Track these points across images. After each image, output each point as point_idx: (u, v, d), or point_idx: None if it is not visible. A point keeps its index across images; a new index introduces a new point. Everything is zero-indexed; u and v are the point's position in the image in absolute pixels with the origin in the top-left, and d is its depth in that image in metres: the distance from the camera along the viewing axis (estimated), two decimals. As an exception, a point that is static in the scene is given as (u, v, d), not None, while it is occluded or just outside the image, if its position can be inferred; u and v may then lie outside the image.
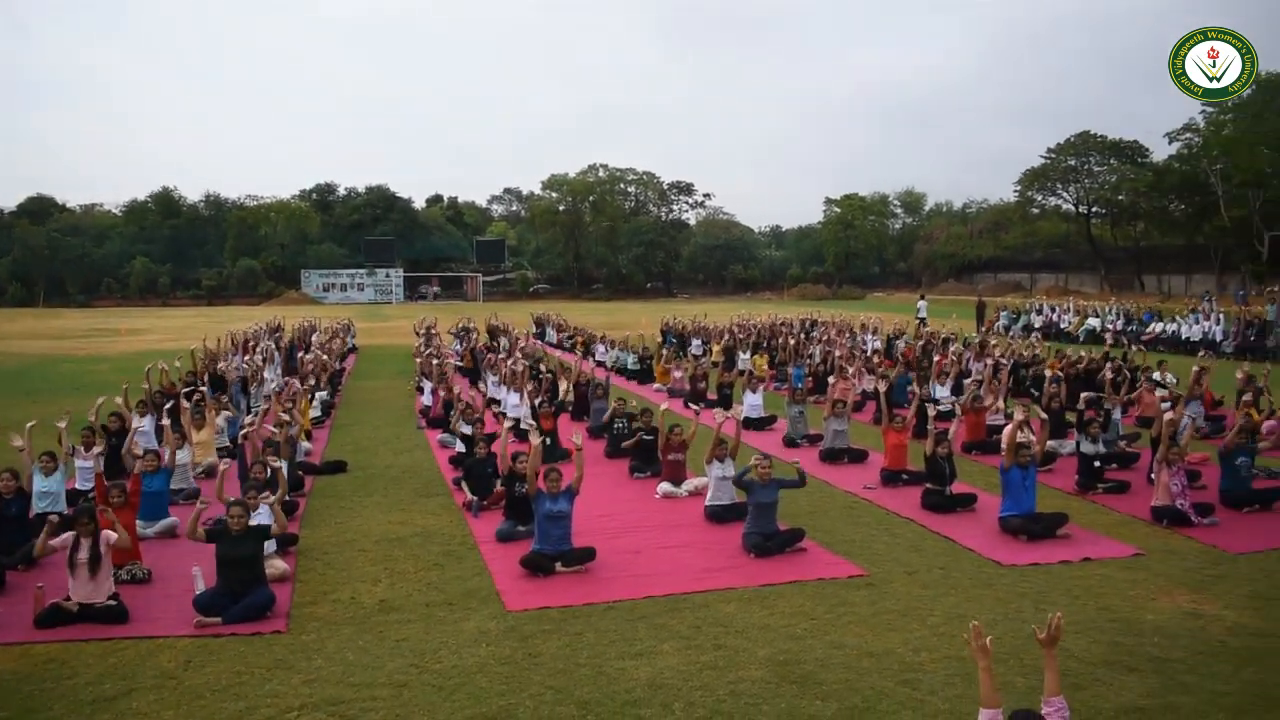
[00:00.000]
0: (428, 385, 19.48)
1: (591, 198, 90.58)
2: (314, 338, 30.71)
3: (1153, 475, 11.29)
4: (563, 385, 18.37)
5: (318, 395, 18.91)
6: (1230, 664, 7.01)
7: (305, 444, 15.22)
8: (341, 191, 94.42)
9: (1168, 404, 14.60)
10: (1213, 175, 59.79)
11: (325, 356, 23.53)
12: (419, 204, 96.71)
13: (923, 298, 47.69)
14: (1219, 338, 31.28)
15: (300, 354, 25.41)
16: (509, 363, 19.56)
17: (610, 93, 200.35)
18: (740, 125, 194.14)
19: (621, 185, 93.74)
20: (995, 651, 7.07)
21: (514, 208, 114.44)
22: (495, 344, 29.27)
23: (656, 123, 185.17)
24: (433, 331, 31.64)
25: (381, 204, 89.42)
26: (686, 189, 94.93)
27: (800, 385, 18.99)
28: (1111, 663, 7.00)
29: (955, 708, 6.22)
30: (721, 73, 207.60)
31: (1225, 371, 21.28)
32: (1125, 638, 7.50)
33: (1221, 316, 33.18)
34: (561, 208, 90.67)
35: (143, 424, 14.35)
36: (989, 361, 19.54)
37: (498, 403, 18.30)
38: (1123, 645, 7.34)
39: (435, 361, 20.42)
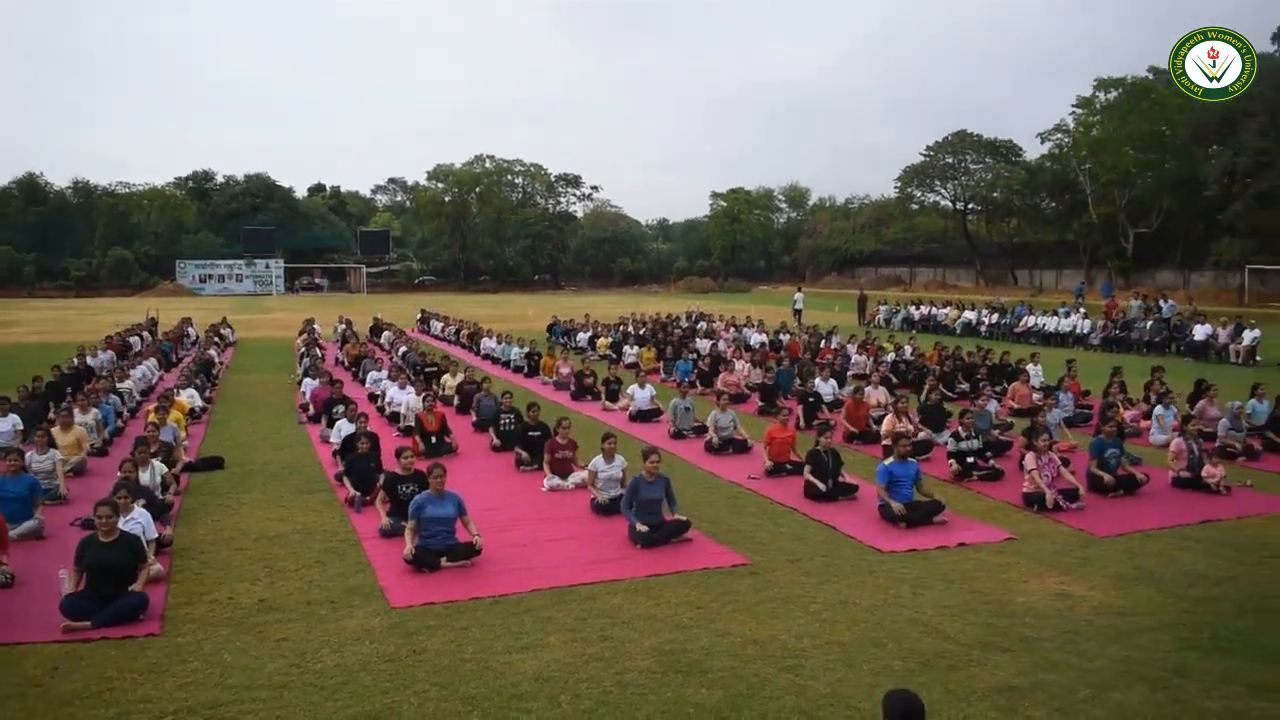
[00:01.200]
0: (308, 380, 19.06)
1: (478, 189, 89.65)
2: (189, 330, 29.83)
3: (1023, 463, 11.70)
4: (448, 380, 18.18)
5: (192, 391, 18.33)
6: (1096, 642, 7.32)
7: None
8: (219, 179, 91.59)
9: (1037, 395, 15.23)
10: (1082, 174, 62.33)
11: (208, 352, 22.86)
12: (300, 193, 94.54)
13: (799, 290, 48.62)
14: (1086, 331, 32.58)
15: (175, 349, 24.64)
16: (391, 357, 19.28)
17: (499, 83, 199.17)
18: (629, 119, 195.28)
19: (509, 177, 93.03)
20: (876, 635, 7.35)
21: (399, 198, 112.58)
22: (378, 338, 28.83)
23: (546, 115, 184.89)
24: (312, 325, 30.96)
25: (261, 193, 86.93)
26: (574, 181, 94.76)
27: (686, 378, 19.17)
28: (985, 644, 7.25)
29: (836, 691, 6.36)
30: (612, 66, 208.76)
31: (1093, 363, 22.19)
32: (998, 619, 7.77)
33: (1086, 309, 34.57)
34: (447, 199, 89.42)
35: (3, 424, 13.76)
36: (870, 354, 20.00)
37: (381, 397, 18.02)
38: (996, 626, 7.60)
39: (317, 353, 20.00)
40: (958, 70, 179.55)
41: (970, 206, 73.85)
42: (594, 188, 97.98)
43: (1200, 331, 28.81)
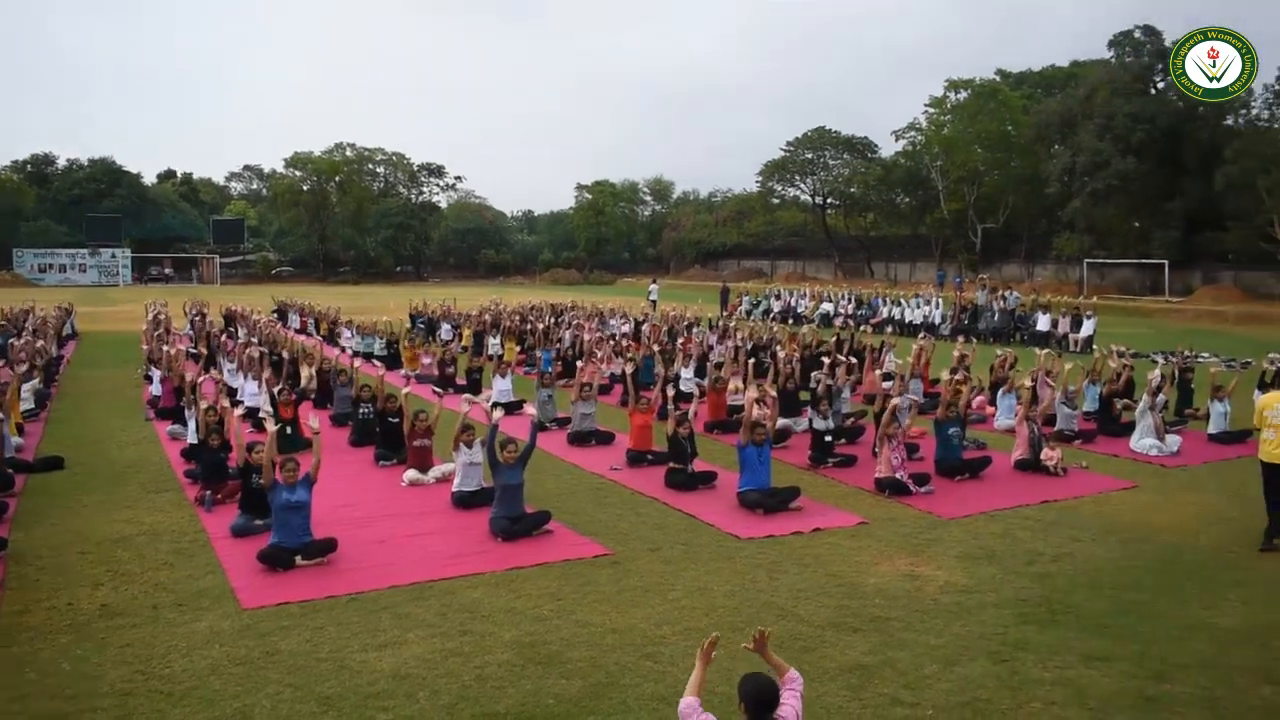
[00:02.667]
0: (157, 374, 18.33)
1: (338, 177, 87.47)
2: (28, 322, 28.33)
3: (876, 449, 12.07)
4: (304, 372, 17.73)
5: (31, 384, 17.42)
6: (942, 619, 7.62)
7: (16, 439, 14.03)
8: (61, 164, 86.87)
9: (889, 383, 15.71)
10: (933, 171, 64.47)
11: (40, 342, 21.75)
12: (150, 179, 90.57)
13: (654, 281, 49.30)
14: (938, 321, 33.79)
15: (11, 340, 23.37)
16: (246, 349, 18.69)
17: (360, 68, 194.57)
18: (495, 108, 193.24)
19: (370, 165, 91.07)
20: (733, 620, 7.47)
21: (255, 186, 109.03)
22: (232, 329, 27.92)
23: (408, 102, 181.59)
24: (162, 317, 29.76)
25: (107, 178, 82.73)
26: (438, 171, 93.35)
27: (549, 369, 19.14)
28: (837, 624, 7.46)
29: (694, 678, 6.46)
30: (476, 54, 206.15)
31: (943, 351, 22.97)
32: (850, 600, 8.01)
33: (940, 301, 35.86)
34: (306, 187, 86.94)
35: None
36: (730, 344, 20.31)
37: (234, 391, 17.45)
38: (848, 608, 7.83)
39: (165, 348, 19.23)
40: (822, 65, 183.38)
41: (829, 201, 75.52)
42: (458, 178, 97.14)
43: (1043, 321, 30.21)
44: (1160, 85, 54.98)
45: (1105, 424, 15.55)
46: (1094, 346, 27.97)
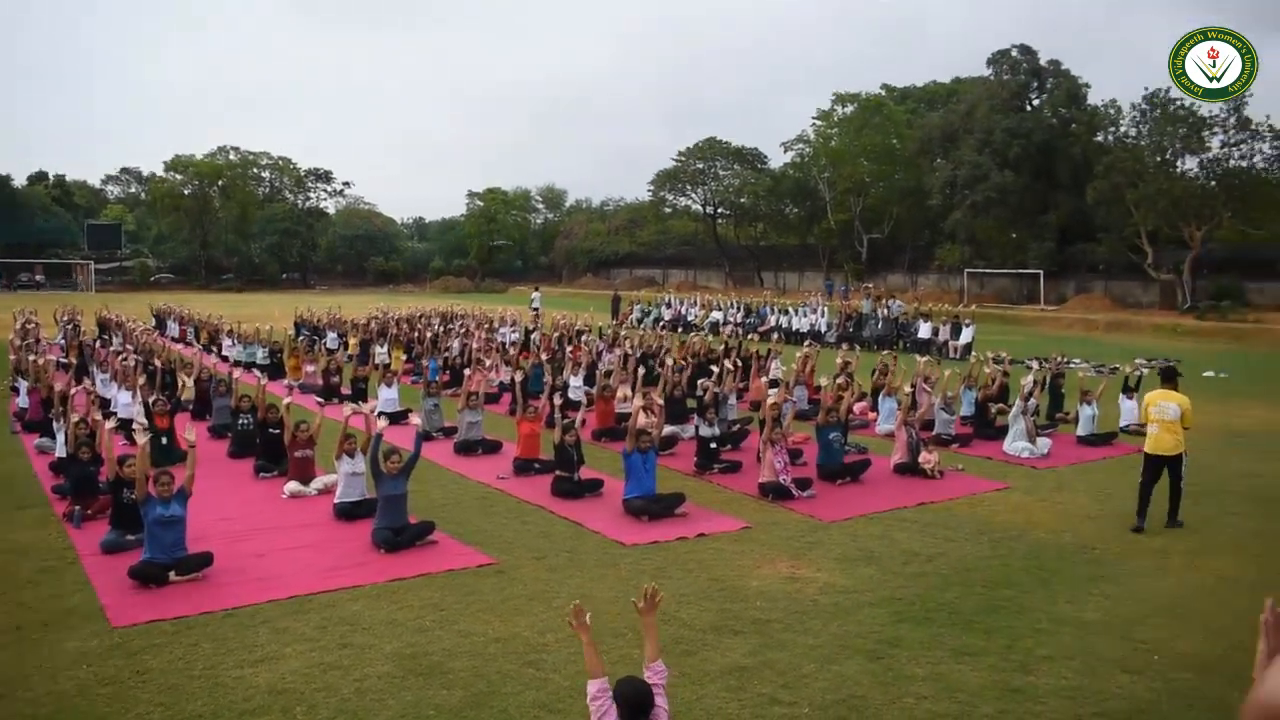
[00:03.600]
0: (24, 385, 17.60)
1: (221, 181, 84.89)
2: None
3: (760, 455, 12.26)
4: (182, 381, 17.26)
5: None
6: (820, 620, 7.78)
7: None
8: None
9: (775, 390, 15.98)
10: (821, 183, 65.72)
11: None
12: (19, 181, 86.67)
13: (537, 289, 49.41)
14: (823, 329, 34.46)
15: None
16: (120, 358, 18.09)
17: (243, 69, 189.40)
18: (384, 113, 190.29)
19: (255, 170, 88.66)
20: (616, 626, 7.50)
21: (133, 190, 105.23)
22: (106, 338, 27.00)
23: (296, 107, 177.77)
24: (30, 325, 28.57)
25: (-29, 181, 79.29)
26: (325, 176, 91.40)
27: (435, 378, 18.95)
28: (719, 627, 7.57)
29: (576, 683, 6.45)
30: (365, 57, 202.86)
31: (829, 359, 23.43)
32: (732, 604, 8.13)
33: (826, 309, 36.59)
34: (187, 191, 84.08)
35: None
36: (619, 352, 20.40)
37: (107, 402, 16.87)
38: (729, 611, 7.95)
39: (33, 358, 18.49)
40: (714, 77, 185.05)
41: (720, 211, 76.28)
42: (346, 183, 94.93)
43: (923, 329, 31.05)
44: (1035, 102, 57.08)
45: (981, 428, 16.07)
46: (972, 353, 28.87)
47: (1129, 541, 10.29)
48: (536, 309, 42.74)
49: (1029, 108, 56.84)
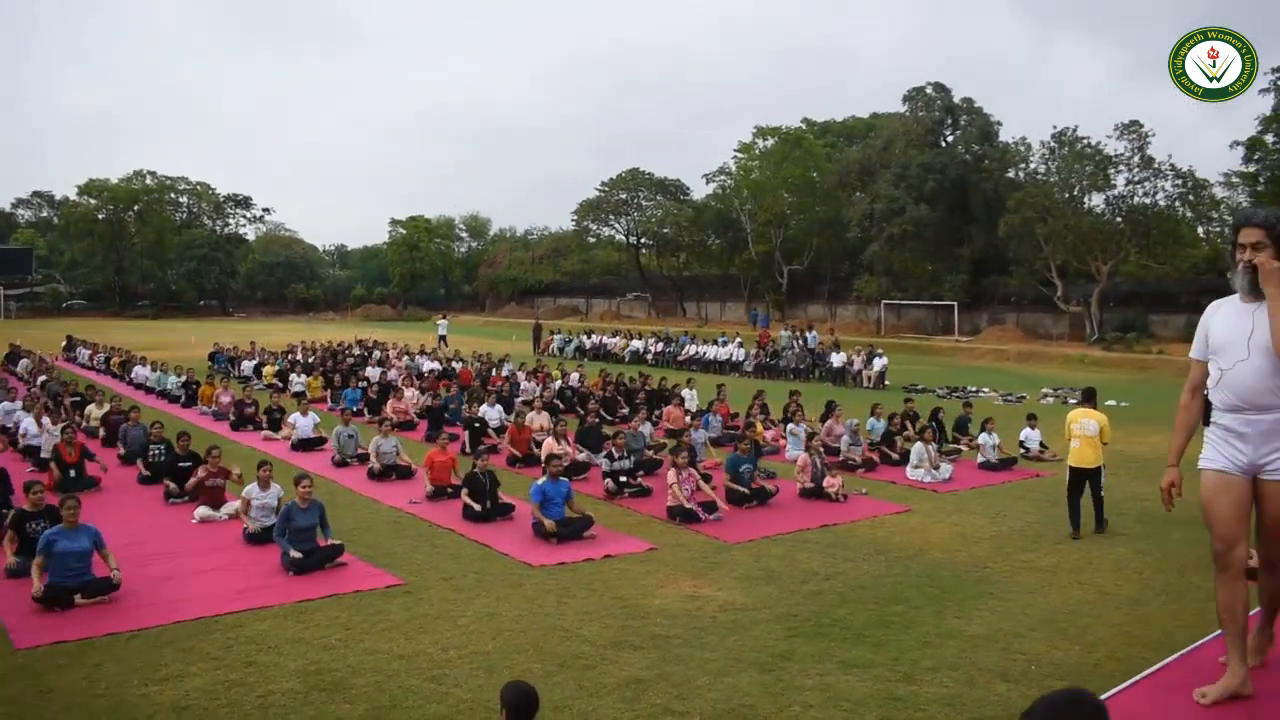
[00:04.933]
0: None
1: (137, 206, 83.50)
2: None
3: (670, 480, 12.55)
4: (92, 410, 17.08)
5: None
6: (718, 635, 8.06)
7: None
8: None
9: (689, 417, 16.35)
10: (742, 214, 66.70)
11: None
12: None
13: (444, 317, 49.71)
14: (741, 359, 35.01)
15: None
16: (30, 387, 17.85)
17: (160, 92, 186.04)
18: (308, 141, 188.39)
19: (172, 195, 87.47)
20: (519, 643, 7.71)
21: (45, 214, 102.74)
22: (15, 367, 26.48)
23: (215, 132, 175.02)
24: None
25: (-128, 205, 76.91)
26: (244, 202, 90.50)
27: (353, 407, 18.99)
28: (619, 643, 7.81)
29: (476, 697, 6.68)
30: (287, 81, 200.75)
31: (745, 388, 23.93)
32: (633, 621, 8.38)
33: (741, 339, 37.19)
34: (101, 216, 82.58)
35: None
36: (537, 382, 20.62)
37: (15, 429, 16.63)
38: (630, 627, 8.20)
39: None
40: (640, 108, 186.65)
41: (643, 241, 76.98)
42: (266, 210, 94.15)
43: (837, 359, 31.74)
44: (950, 138, 58.71)
45: (887, 454, 16.56)
46: (885, 382, 29.63)
47: (1019, 560, 10.75)
48: (443, 336, 42.94)
49: (944, 143, 58.43)
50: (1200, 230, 56.21)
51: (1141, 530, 12.18)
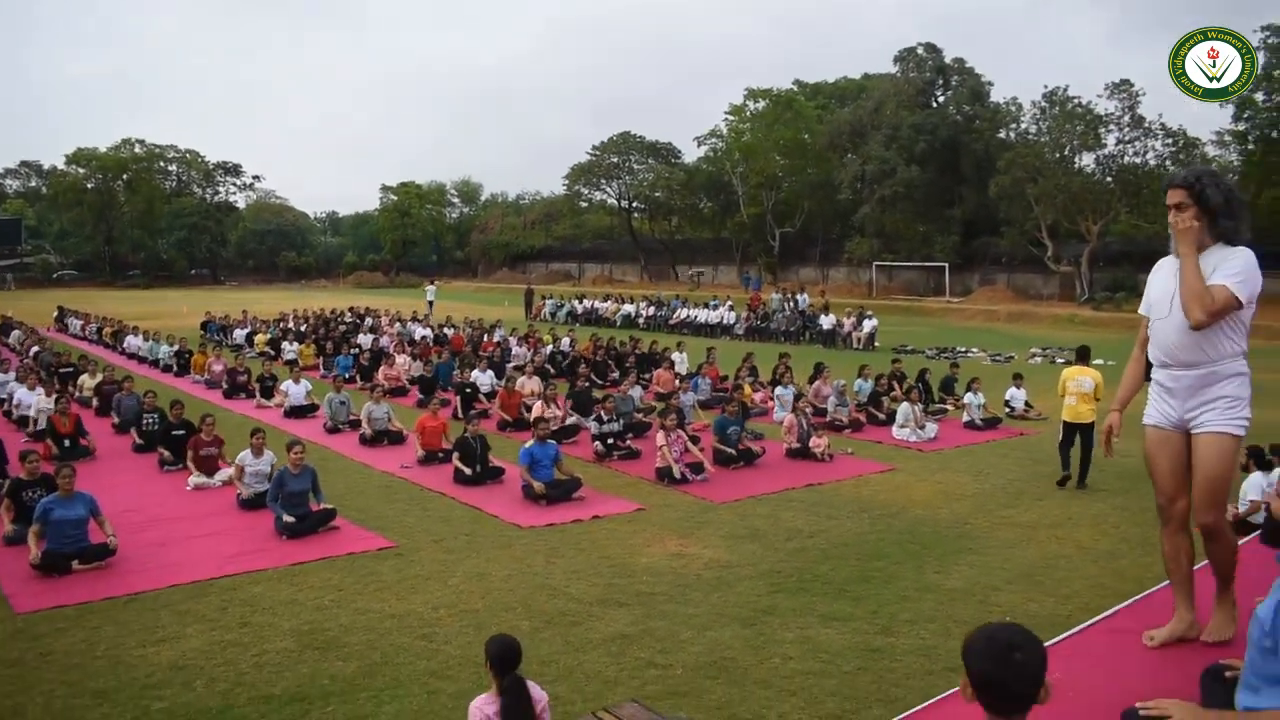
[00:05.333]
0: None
1: (126, 175, 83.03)
2: None
3: (659, 442, 12.74)
4: (85, 380, 17.21)
5: None
6: (701, 591, 8.27)
7: None
8: None
9: (679, 380, 16.51)
10: (734, 177, 66.57)
11: None
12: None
13: (432, 283, 49.74)
14: (732, 321, 35.16)
15: None
16: (22, 358, 17.96)
17: (148, 59, 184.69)
18: (298, 107, 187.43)
19: (161, 163, 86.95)
20: (508, 601, 7.91)
21: (33, 184, 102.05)
22: (7, 338, 26.57)
23: (204, 99, 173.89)
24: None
25: None
26: (234, 170, 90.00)
27: (345, 374, 19.12)
28: (605, 600, 8.01)
29: (465, 653, 6.87)
30: (279, 50, 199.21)
31: (736, 351, 24.08)
32: (620, 579, 8.58)
33: (733, 302, 37.33)
34: (90, 185, 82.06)
35: None
36: (528, 346, 20.77)
37: (9, 400, 16.76)
38: (617, 585, 8.39)
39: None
40: (631, 70, 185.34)
41: (635, 205, 76.79)
42: (256, 177, 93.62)
43: (827, 321, 31.91)
44: (941, 99, 58.56)
45: (874, 415, 16.74)
46: (875, 343, 29.83)
47: (1000, 516, 10.97)
48: (431, 301, 43.09)
49: (935, 104, 58.29)
50: (1192, 189, 56.25)
51: (1120, 486, 12.39)
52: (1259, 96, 45.59)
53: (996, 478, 12.88)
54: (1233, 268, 4.42)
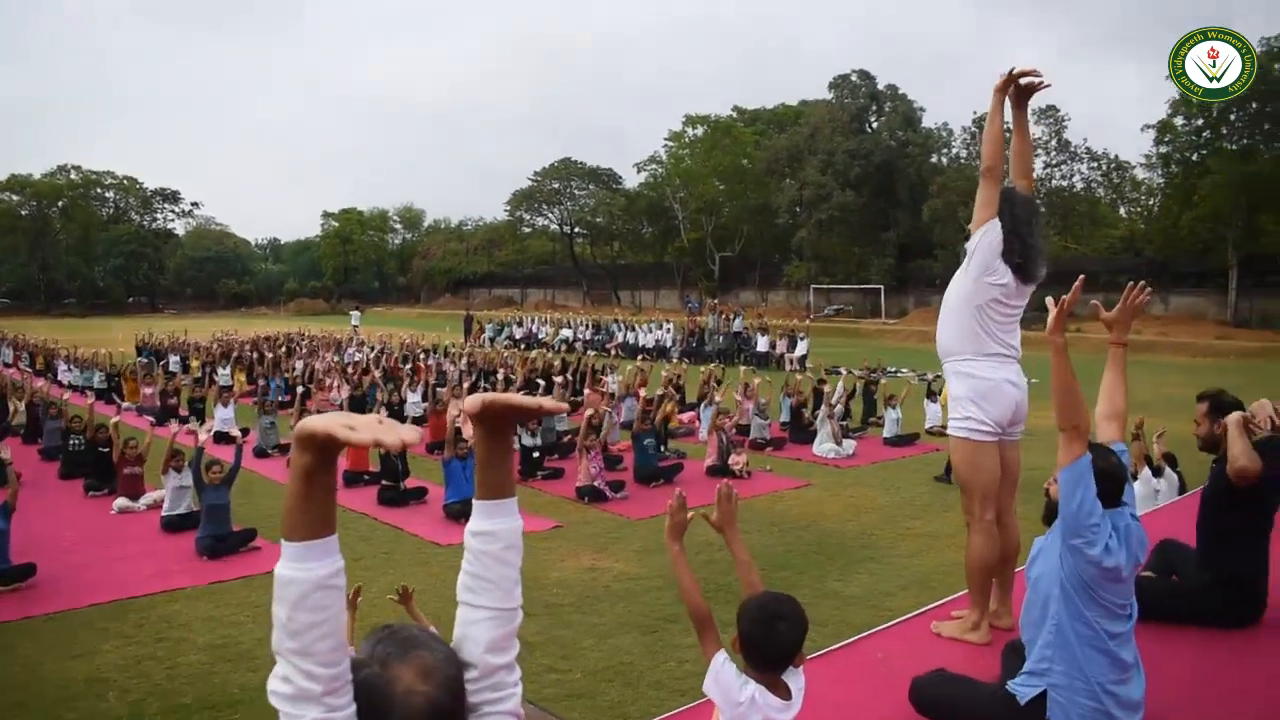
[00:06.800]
0: None
1: (61, 202, 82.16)
2: None
3: (580, 461, 13.06)
4: (14, 406, 17.19)
5: None
6: (608, 602, 8.60)
7: None
8: None
9: (606, 401, 16.86)
10: (674, 202, 67.39)
11: None
12: None
13: (357, 308, 50.29)
14: (669, 344, 35.65)
15: None
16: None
17: (80, 81, 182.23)
18: (239, 132, 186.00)
19: (98, 190, 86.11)
20: (428, 611, 8.15)
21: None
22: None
23: (141, 124, 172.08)
24: None
25: None
26: (173, 197, 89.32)
27: (277, 397, 19.24)
28: (514, 613, 8.30)
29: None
30: (221, 74, 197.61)
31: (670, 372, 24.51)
32: (531, 592, 8.78)
33: (671, 325, 37.85)
34: (24, 212, 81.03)
35: None
36: (458, 369, 21.03)
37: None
38: (527, 598, 8.23)
39: None
40: (574, 94, 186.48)
41: (576, 230, 77.38)
42: (194, 204, 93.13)
43: (762, 343, 32.49)
44: (874, 124, 59.82)
45: (795, 432, 17.22)
46: (808, 365, 30.40)
47: (904, 528, 11.44)
48: (356, 326, 43.30)
49: (869, 130, 59.53)
50: (1122, 211, 58.03)
51: (1024, 497, 12.80)
52: (1178, 121, 47.16)
53: (906, 491, 13.38)
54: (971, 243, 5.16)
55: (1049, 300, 4.04)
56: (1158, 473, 10.77)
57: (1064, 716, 3.55)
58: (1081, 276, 4.25)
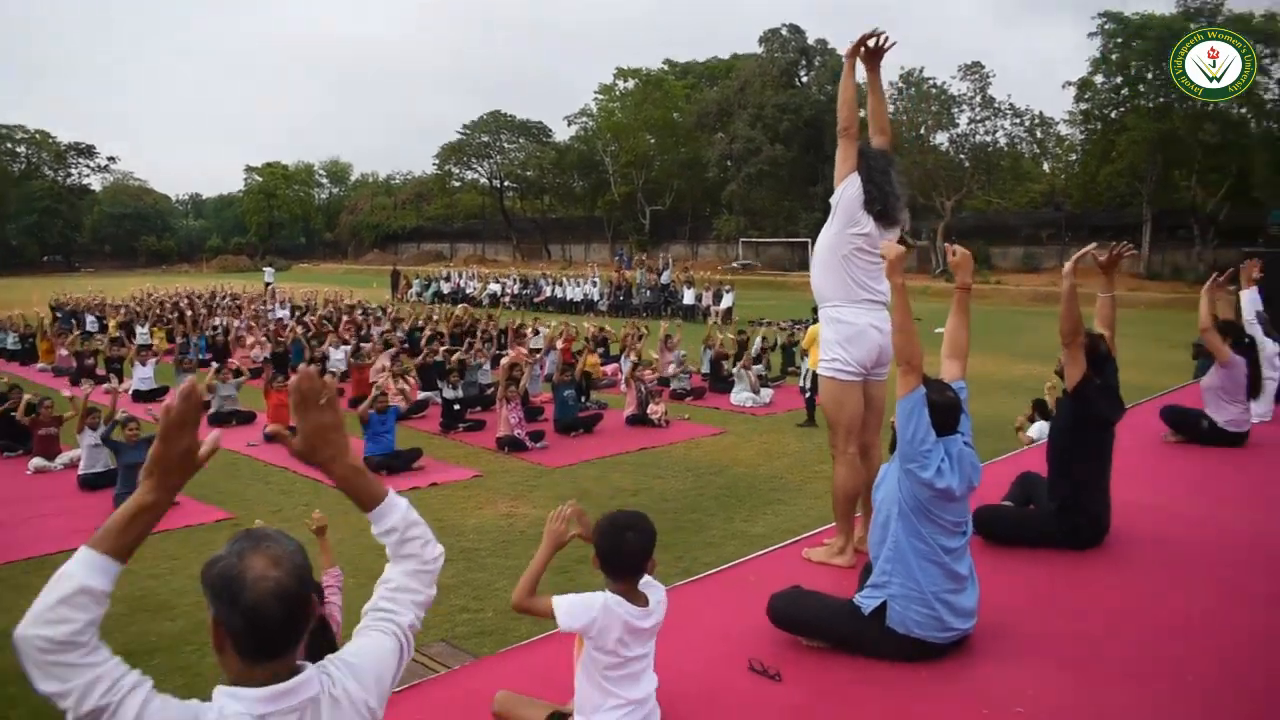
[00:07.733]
0: None
1: (-31, 159, 79.68)
2: None
3: (500, 412, 13.29)
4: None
5: None
6: (523, 546, 8.88)
7: None
8: None
9: (530, 355, 17.07)
10: (605, 156, 67.18)
11: None
12: None
13: (270, 265, 49.96)
14: (596, 298, 35.86)
15: None
16: None
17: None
18: (158, 84, 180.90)
19: (8, 145, 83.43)
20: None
21: None
22: None
23: (55, 76, 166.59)
24: None
25: None
26: (88, 151, 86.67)
27: (194, 355, 19.15)
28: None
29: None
30: (137, 23, 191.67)
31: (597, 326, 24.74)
32: (447, 539, 9.06)
33: (598, 279, 38.04)
34: (-69, 169, 78.56)
35: None
36: (384, 324, 21.05)
37: None
38: (444, 544, 8.79)
39: None
40: (505, 47, 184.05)
41: (506, 184, 76.71)
42: (111, 159, 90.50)
43: (688, 296, 32.85)
44: (804, 79, 60.12)
45: (715, 383, 17.60)
46: (734, 317, 30.85)
47: (813, 471, 11.84)
48: (269, 284, 42.97)
49: (798, 84, 59.80)
50: (1046, 166, 59.15)
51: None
52: (1098, 79, 48.08)
53: (819, 437, 13.73)
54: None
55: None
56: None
57: (902, 623, 3.93)
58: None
